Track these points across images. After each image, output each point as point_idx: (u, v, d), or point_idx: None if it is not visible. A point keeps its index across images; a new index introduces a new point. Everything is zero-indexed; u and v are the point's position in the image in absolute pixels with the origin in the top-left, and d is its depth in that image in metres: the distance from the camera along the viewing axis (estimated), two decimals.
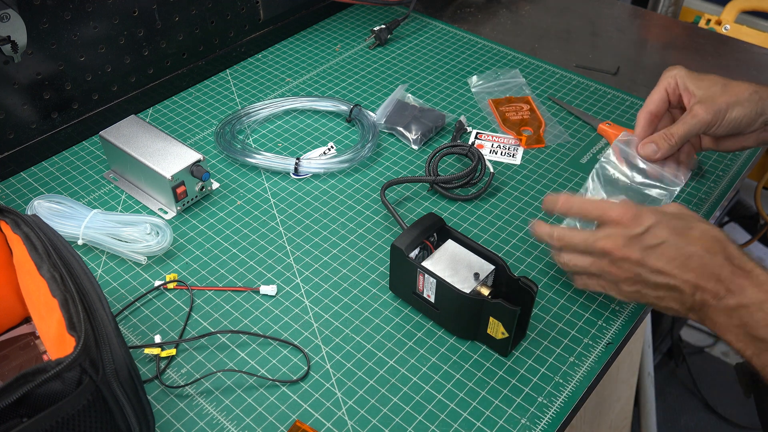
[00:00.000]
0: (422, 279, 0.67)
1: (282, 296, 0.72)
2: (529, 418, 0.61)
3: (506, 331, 0.63)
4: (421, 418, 0.61)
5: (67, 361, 0.45)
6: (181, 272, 0.75)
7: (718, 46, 1.14)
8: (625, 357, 1.12)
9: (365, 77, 1.05)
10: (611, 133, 0.92)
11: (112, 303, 0.71)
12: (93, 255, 0.77)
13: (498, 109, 0.98)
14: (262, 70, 1.06)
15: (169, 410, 0.62)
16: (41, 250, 0.54)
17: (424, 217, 0.70)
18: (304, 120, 0.97)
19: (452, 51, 1.12)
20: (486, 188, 0.84)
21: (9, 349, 0.65)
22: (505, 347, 0.65)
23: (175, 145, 0.81)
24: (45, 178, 0.87)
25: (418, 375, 0.65)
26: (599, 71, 1.07)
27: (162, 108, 0.99)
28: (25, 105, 0.87)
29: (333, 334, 0.69)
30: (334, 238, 0.79)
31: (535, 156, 0.91)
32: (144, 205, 0.83)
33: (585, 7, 1.25)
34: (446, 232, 0.70)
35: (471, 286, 0.64)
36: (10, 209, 0.59)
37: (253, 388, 0.64)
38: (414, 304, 0.70)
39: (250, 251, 0.77)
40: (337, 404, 0.63)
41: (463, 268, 0.66)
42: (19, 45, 0.78)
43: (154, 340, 0.67)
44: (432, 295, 0.67)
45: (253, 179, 0.87)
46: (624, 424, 1.27)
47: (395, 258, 0.68)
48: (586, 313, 0.71)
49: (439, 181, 0.83)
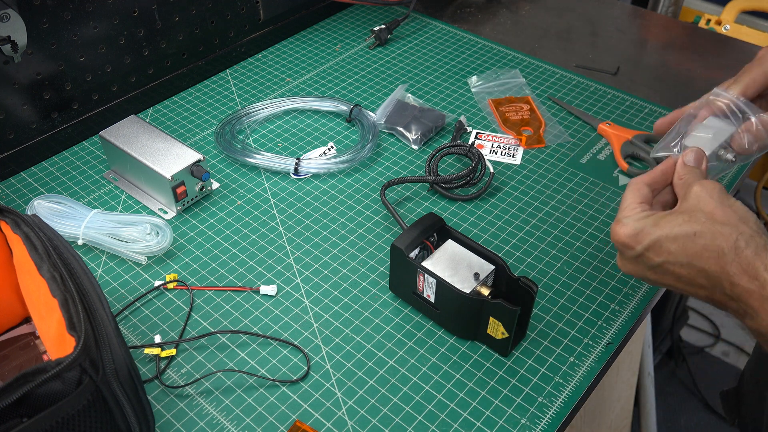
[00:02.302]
0: (422, 279, 0.67)
1: (282, 296, 0.72)
2: (529, 418, 0.61)
3: (506, 331, 0.63)
4: (421, 418, 0.61)
5: (67, 361, 0.45)
6: (181, 272, 0.75)
7: (718, 46, 1.14)
8: (625, 357, 1.12)
9: (365, 77, 1.05)
10: (611, 133, 0.93)
11: (112, 303, 0.71)
12: (93, 255, 0.77)
13: (498, 109, 0.98)
14: (262, 70, 1.06)
15: (169, 410, 0.62)
16: (41, 250, 0.54)
17: (424, 217, 0.70)
18: (304, 120, 0.97)
19: (452, 51, 1.12)
20: (486, 188, 0.84)
21: (9, 349, 0.65)
22: (505, 347, 0.65)
23: (175, 145, 0.81)
24: (45, 178, 0.87)
25: (418, 375, 0.65)
26: (599, 71, 1.07)
27: (162, 108, 0.99)
28: (25, 105, 0.87)
29: (333, 334, 0.69)
30: (334, 238, 0.79)
31: (535, 156, 0.91)
32: (144, 205, 0.83)
33: (585, 7, 1.25)
34: (446, 232, 0.70)
35: (471, 286, 0.64)
36: (10, 209, 0.59)
37: (253, 388, 0.64)
38: (414, 304, 0.70)
39: (250, 251, 0.77)
40: (337, 404, 0.63)
41: (463, 268, 0.66)
42: (19, 45, 0.78)
43: (154, 340, 0.67)
44: (432, 295, 0.67)
45: (253, 179, 0.87)
46: (624, 424, 1.27)
47: (395, 258, 0.68)
48: (586, 313, 0.71)
49: (439, 181, 0.83)
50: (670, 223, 0.55)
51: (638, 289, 0.73)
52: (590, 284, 0.74)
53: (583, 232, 0.80)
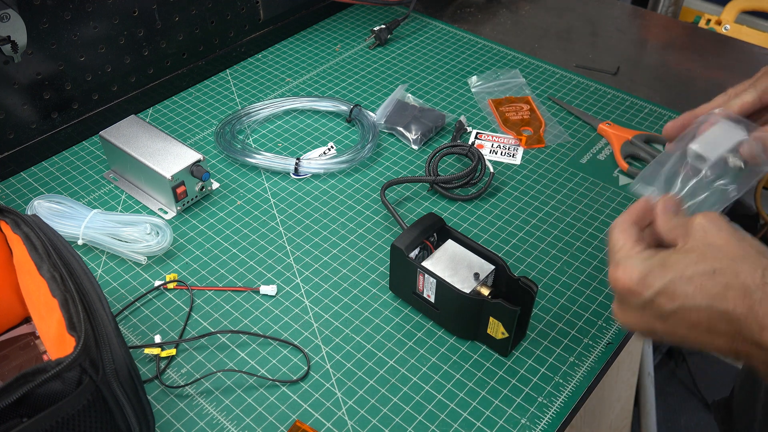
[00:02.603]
0: (422, 279, 0.67)
1: (282, 296, 0.72)
2: (529, 418, 0.61)
3: (506, 331, 0.63)
4: (421, 418, 0.61)
5: (67, 361, 0.45)
6: (181, 272, 0.75)
7: (718, 46, 1.14)
8: (625, 357, 1.12)
9: (365, 77, 1.05)
10: (611, 133, 0.93)
11: (112, 303, 0.71)
12: (93, 255, 0.77)
13: (498, 109, 0.98)
14: (262, 70, 1.06)
15: (169, 410, 0.62)
16: (41, 250, 0.54)
17: (424, 217, 0.70)
18: (304, 120, 0.97)
19: (452, 51, 1.12)
20: (486, 188, 0.84)
21: (9, 349, 0.65)
22: (505, 347, 0.65)
23: (175, 145, 0.81)
24: (45, 178, 0.87)
25: (418, 375, 0.65)
26: (599, 71, 1.07)
27: (162, 108, 0.99)
28: (25, 105, 0.87)
29: (333, 334, 0.69)
30: (334, 238, 0.79)
31: (535, 156, 0.91)
32: (144, 205, 0.83)
33: (585, 7, 1.25)
34: (446, 232, 0.70)
35: (471, 286, 0.64)
36: (10, 209, 0.59)
37: (253, 388, 0.64)
38: (414, 304, 0.70)
39: (250, 251, 0.77)
40: (337, 404, 0.63)
41: (463, 268, 0.66)
42: (19, 45, 0.78)
43: (154, 340, 0.67)
44: (432, 295, 0.67)
45: (253, 179, 0.87)
46: (624, 424, 1.27)
47: (395, 258, 0.68)
48: (586, 313, 0.71)
49: (439, 181, 0.83)
50: (680, 262, 0.47)
51: None
52: (590, 284, 0.74)
53: (583, 232, 0.80)
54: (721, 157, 0.59)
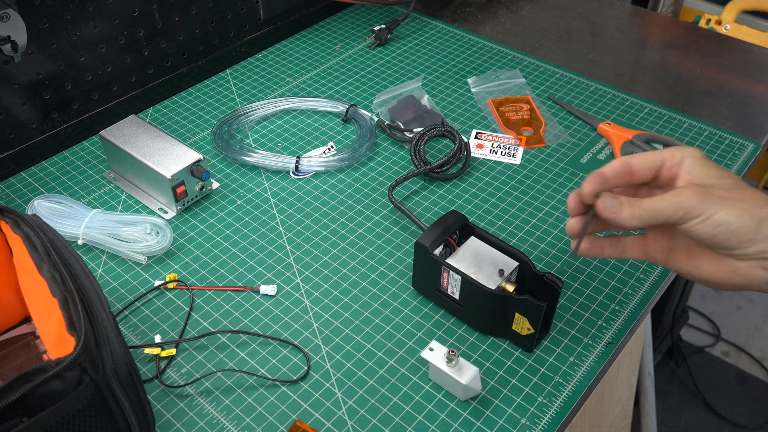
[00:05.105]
0: (447, 276, 0.67)
1: (282, 296, 0.72)
2: (529, 418, 0.61)
3: (532, 327, 0.63)
4: (421, 418, 0.61)
5: (67, 360, 0.45)
6: (181, 272, 0.75)
7: (718, 46, 1.14)
8: (625, 357, 1.12)
9: (365, 77, 1.05)
10: (611, 133, 0.92)
11: (112, 303, 0.71)
12: (93, 255, 0.77)
13: (498, 109, 0.98)
14: (262, 70, 1.06)
15: (169, 410, 0.62)
16: (41, 250, 0.54)
17: (447, 215, 0.70)
18: (304, 120, 0.97)
19: (452, 51, 1.12)
20: (467, 162, 0.86)
21: (9, 349, 0.65)
22: (531, 343, 0.65)
23: (175, 145, 0.81)
24: (45, 178, 0.87)
25: (418, 375, 0.65)
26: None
27: (162, 108, 0.99)
28: (25, 105, 0.87)
29: (333, 334, 0.69)
30: (334, 238, 0.79)
31: (535, 156, 0.91)
32: (144, 204, 0.83)
33: (585, 7, 1.25)
34: (469, 229, 0.70)
35: (496, 283, 0.64)
36: (10, 209, 0.59)
37: (253, 387, 0.64)
38: (437, 301, 0.70)
39: (250, 251, 0.77)
40: (337, 404, 0.63)
41: (487, 265, 0.66)
42: (19, 45, 0.78)
43: (154, 340, 0.67)
44: (456, 292, 0.67)
45: (253, 179, 0.87)
46: (624, 424, 1.27)
47: (419, 255, 0.68)
48: (586, 313, 0.71)
49: (433, 167, 0.83)
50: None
51: (638, 288, 0.73)
52: (590, 284, 0.74)
53: None
54: None
